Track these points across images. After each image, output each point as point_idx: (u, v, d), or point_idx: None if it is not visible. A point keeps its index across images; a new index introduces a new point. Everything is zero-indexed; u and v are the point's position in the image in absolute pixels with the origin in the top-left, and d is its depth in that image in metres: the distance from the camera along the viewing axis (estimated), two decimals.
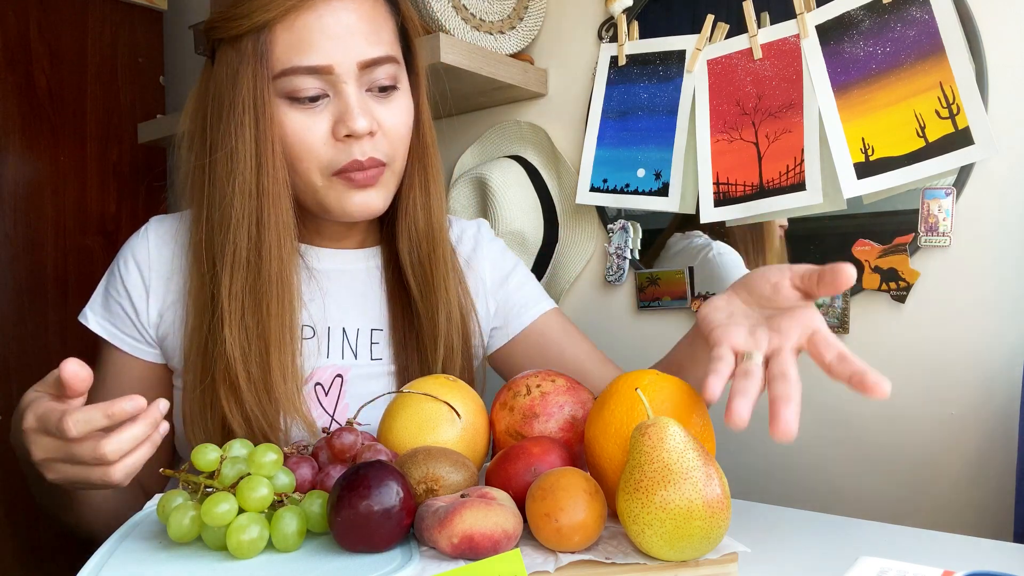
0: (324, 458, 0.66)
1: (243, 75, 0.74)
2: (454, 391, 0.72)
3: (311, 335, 0.83)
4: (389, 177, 0.81)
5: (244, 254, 0.76)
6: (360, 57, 0.75)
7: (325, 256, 0.87)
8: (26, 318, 1.58)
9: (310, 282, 0.84)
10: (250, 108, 0.74)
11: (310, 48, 0.73)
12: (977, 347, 0.90)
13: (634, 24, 1.15)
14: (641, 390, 0.61)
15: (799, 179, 0.98)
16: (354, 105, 0.75)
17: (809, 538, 0.67)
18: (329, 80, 0.75)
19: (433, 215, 0.86)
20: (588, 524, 0.55)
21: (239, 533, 0.55)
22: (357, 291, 0.88)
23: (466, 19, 1.16)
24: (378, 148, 0.78)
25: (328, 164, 0.77)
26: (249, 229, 0.76)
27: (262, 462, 0.57)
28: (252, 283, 0.76)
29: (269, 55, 0.74)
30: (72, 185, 1.66)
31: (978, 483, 0.90)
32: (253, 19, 0.73)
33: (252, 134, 0.75)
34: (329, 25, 0.74)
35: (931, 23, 0.89)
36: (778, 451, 1.05)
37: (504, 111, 1.32)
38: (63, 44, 1.65)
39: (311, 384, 0.82)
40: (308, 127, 0.76)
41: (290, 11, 0.73)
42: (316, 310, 0.84)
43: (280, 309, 0.76)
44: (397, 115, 0.80)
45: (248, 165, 0.75)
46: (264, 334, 0.75)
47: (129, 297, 0.82)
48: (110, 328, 0.83)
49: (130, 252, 0.84)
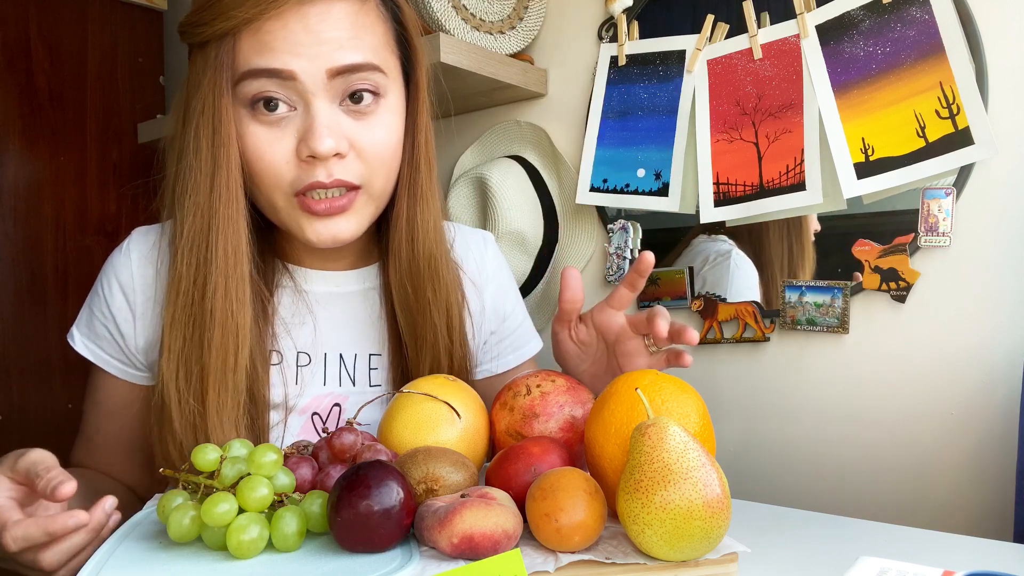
0: (324, 458, 0.66)
1: (206, 83, 0.69)
2: (454, 391, 0.72)
3: (307, 362, 0.79)
4: (363, 202, 0.74)
5: (189, 278, 0.70)
6: (329, 64, 0.68)
7: (316, 278, 0.81)
8: (26, 318, 1.58)
9: (299, 305, 0.79)
10: (208, 118, 0.69)
11: (271, 52, 0.67)
12: (977, 347, 0.90)
13: (634, 24, 1.15)
14: (641, 390, 0.61)
15: (799, 179, 0.98)
16: (319, 122, 0.68)
17: (809, 538, 0.67)
18: (295, 90, 0.69)
19: (419, 246, 0.79)
20: (588, 524, 0.55)
21: (239, 533, 0.55)
22: (353, 315, 0.82)
23: (466, 19, 1.16)
24: (349, 170, 0.71)
25: (290, 185, 0.71)
26: (195, 250, 0.70)
27: (262, 462, 0.57)
28: (193, 309, 0.70)
29: (232, 61, 0.69)
30: (72, 185, 1.66)
31: (978, 483, 0.90)
32: (217, 25, 0.68)
33: (208, 147, 0.69)
34: (295, 31, 0.67)
35: (931, 23, 0.89)
36: (778, 451, 1.05)
37: (504, 111, 1.32)
38: (63, 44, 1.65)
39: (307, 415, 0.78)
40: (270, 144, 0.70)
41: (255, 18, 0.67)
42: (307, 335, 0.79)
43: (223, 340, 0.69)
44: (376, 134, 0.72)
45: (203, 181, 0.70)
46: (203, 370, 0.69)
47: (115, 321, 0.77)
48: (97, 352, 0.78)
49: (113, 273, 0.78)
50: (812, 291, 0.99)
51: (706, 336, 1.09)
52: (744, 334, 1.06)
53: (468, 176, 1.24)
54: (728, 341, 1.07)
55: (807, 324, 1.00)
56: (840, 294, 0.97)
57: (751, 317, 1.05)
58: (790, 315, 1.01)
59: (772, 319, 1.03)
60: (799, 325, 1.00)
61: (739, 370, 1.07)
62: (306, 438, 0.75)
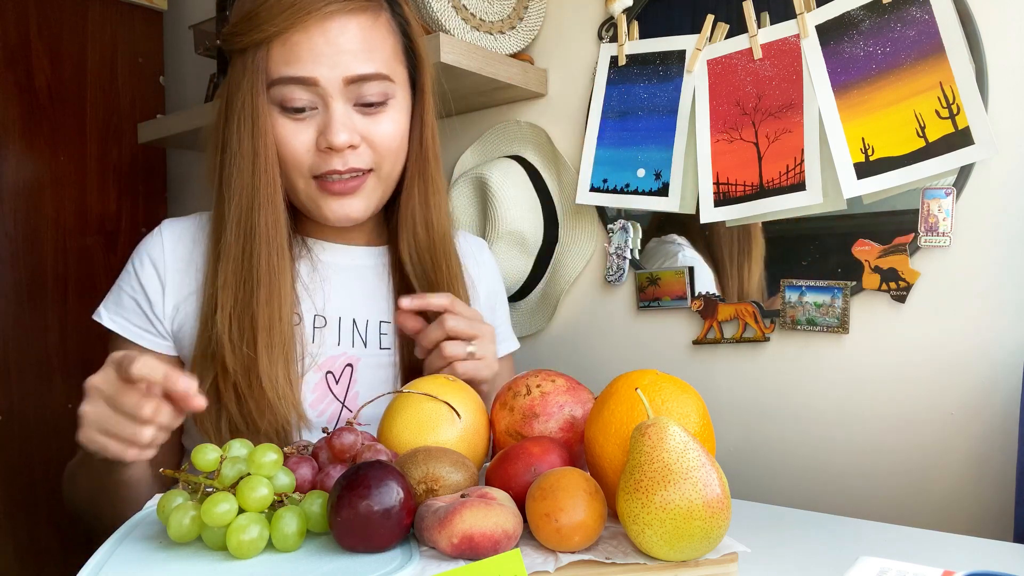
0: (324, 458, 0.66)
1: (245, 84, 0.81)
2: (454, 391, 0.72)
3: (323, 324, 0.88)
4: (374, 184, 0.86)
5: (238, 246, 0.82)
6: (346, 73, 0.81)
7: (334, 250, 0.92)
8: (26, 318, 1.58)
9: (314, 275, 0.89)
10: (248, 114, 0.81)
11: (298, 62, 0.80)
12: (977, 347, 0.90)
13: (634, 24, 1.15)
14: (641, 390, 0.61)
15: (799, 179, 0.98)
16: (336, 119, 0.81)
17: (809, 538, 0.67)
18: (317, 93, 0.81)
19: (434, 226, 0.91)
20: (588, 524, 0.55)
21: (239, 533, 0.55)
22: (366, 285, 0.92)
23: (466, 19, 1.16)
24: (361, 159, 0.84)
25: (309, 169, 0.83)
26: (243, 223, 0.82)
27: (262, 462, 0.57)
28: (243, 273, 0.81)
29: (266, 67, 0.81)
30: (72, 185, 1.66)
31: (978, 483, 0.90)
32: (253, 36, 0.80)
33: (249, 138, 0.81)
34: (318, 44, 0.80)
35: (931, 23, 0.89)
36: (778, 451, 1.05)
37: (504, 111, 1.32)
38: (63, 44, 1.65)
39: (322, 373, 0.86)
40: (295, 135, 0.82)
41: (284, 30, 0.80)
42: (323, 301, 0.88)
43: (269, 297, 0.81)
44: (384, 128, 0.84)
45: (246, 166, 0.82)
46: (253, 322, 0.80)
47: (144, 291, 0.86)
48: (124, 324, 0.86)
49: (145, 251, 0.88)
50: (812, 291, 0.99)
51: (706, 336, 1.09)
52: (744, 334, 1.06)
53: (468, 176, 1.24)
54: (728, 341, 1.07)
55: (807, 324, 1.00)
56: (840, 294, 0.97)
57: (751, 317, 1.05)
58: (790, 315, 1.01)
59: (772, 319, 1.03)
60: (799, 325, 1.00)
61: (739, 370, 1.07)
62: (318, 396, 0.85)
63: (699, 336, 1.10)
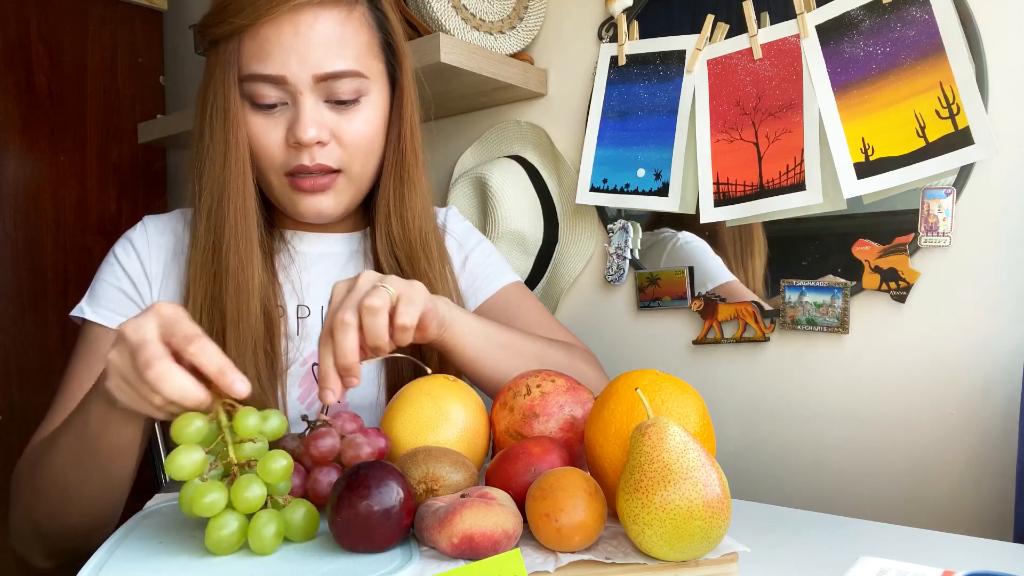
0: (308, 463, 0.65)
1: (217, 77, 0.81)
2: (454, 391, 0.72)
3: (307, 314, 0.88)
4: (344, 184, 0.85)
5: (208, 239, 0.82)
6: (316, 70, 0.79)
7: (312, 239, 0.92)
8: (26, 318, 1.58)
9: (296, 264, 0.89)
10: (220, 107, 0.81)
11: (268, 59, 0.79)
12: (977, 347, 0.90)
13: (634, 24, 1.15)
14: (641, 390, 0.61)
15: (799, 179, 0.98)
16: (304, 115, 0.80)
17: (809, 538, 0.67)
18: (286, 89, 0.80)
19: (409, 224, 0.89)
20: (588, 524, 0.55)
21: (220, 529, 0.55)
22: (346, 272, 0.91)
23: (466, 19, 1.16)
24: (330, 156, 0.82)
25: (281, 166, 0.83)
26: (212, 216, 0.81)
27: (271, 468, 0.57)
28: (212, 266, 0.81)
29: (237, 61, 0.80)
30: (72, 185, 1.66)
31: (978, 483, 0.90)
32: (223, 28, 0.80)
33: (221, 131, 0.81)
34: (287, 37, 0.79)
35: (931, 23, 0.89)
36: (778, 451, 1.05)
37: (504, 111, 1.32)
38: (63, 44, 1.65)
39: (308, 366, 0.86)
40: (267, 132, 0.82)
41: (254, 22, 0.79)
42: (304, 289, 0.88)
43: (237, 291, 0.80)
44: (356, 127, 0.83)
45: (217, 158, 0.82)
46: (222, 316, 0.80)
47: (130, 278, 0.86)
48: (108, 314, 0.85)
49: (128, 241, 0.88)
50: (812, 291, 0.99)
51: (706, 336, 1.09)
52: (744, 334, 1.06)
53: (468, 176, 1.24)
54: (728, 341, 1.07)
55: (807, 324, 1.00)
56: (840, 294, 0.97)
57: (751, 317, 1.05)
58: (790, 315, 1.01)
59: (772, 319, 1.03)
60: (799, 325, 1.00)
61: (739, 370, 1.07)
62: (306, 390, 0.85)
63: (699, 336, 1.10)
